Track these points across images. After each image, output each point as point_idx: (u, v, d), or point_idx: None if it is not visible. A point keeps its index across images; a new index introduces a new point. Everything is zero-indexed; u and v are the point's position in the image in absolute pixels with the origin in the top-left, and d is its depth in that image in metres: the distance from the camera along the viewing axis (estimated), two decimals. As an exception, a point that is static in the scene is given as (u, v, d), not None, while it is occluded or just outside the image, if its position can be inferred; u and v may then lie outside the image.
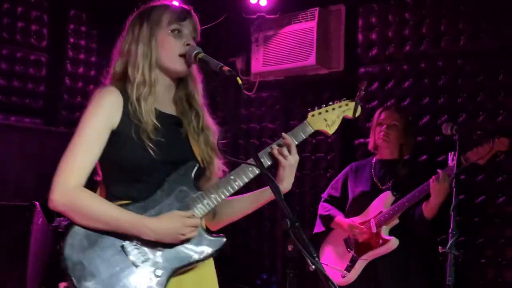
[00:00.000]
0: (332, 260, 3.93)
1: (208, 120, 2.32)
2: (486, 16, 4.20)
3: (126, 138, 2.12)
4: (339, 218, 3.97)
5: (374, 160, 4.05)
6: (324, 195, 4.19)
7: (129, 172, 2.13)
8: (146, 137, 2.10)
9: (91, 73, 5.63)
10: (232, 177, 2.20)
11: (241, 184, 2.21)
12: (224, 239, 2.18)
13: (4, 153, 4.79)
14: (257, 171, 2.18)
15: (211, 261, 2.26)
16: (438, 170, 3.53)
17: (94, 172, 2.18)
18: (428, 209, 3.63)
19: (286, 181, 2.27)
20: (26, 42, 5.22)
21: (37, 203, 4.14)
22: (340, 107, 2.38)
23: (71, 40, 5.51)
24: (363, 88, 2.41)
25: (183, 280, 2.14)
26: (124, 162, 2.13)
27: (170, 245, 2.10)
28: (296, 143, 2.29)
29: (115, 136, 2.13)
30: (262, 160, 2.17)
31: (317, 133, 2.37)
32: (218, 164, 2.29)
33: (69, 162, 2.08)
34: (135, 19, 2.26)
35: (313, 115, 2.36)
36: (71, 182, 2.05)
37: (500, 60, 4.13)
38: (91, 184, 2.20)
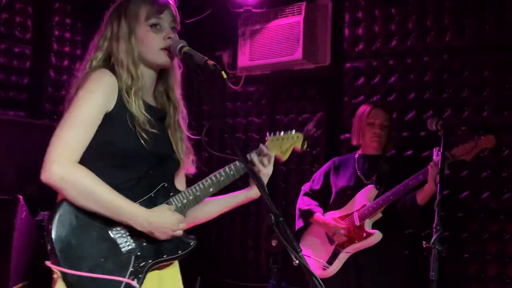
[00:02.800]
0: (313, 253, 3.94)
1: (182, 115, 2.33)
2: (471, 12, 4.22)
3: (119, 123, 2.10)
4: (318, 215, 3.97)
5: (357, 155, 4.06)
6: (305, 188, 4.18)
7: (117, 157, 2.12)
8: (140, 128, 2.10)
9: (76, 66, 5.57)
10: (209, 182, 2.26)
11: (217, 190, 2.28)
12: (195, 242, 2.24)
13: (-13, 146, 4.74)
14: (241, 172, 2.28)
15: (176, 263, 2.31)
16: (436, 158, 3.54)
17: None
18: (422, 195, 3.64)
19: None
20: (10, 34, 5.16)
21: (21, 196, 4.11)
22: (292, 138, 2.49)
23: (56, 32, 5.46)
24: (314, 124, 2.55)
25: (150, 275, 2.16)
26: (114, 146, 2.10)
27: (153, 240, 2.12)
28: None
29: (108, 118, 2.09)
30: (240, 165, 2.28)
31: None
32: (190, 161, 2.32)
33: (69, 136, 2.01)
34: (112, 14, 2.23)
35: (272, 140, 2.48)
36: (71, 157, 2.00)
37: (485, 56, 4.15)
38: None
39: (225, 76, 2.00)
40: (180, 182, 2.34)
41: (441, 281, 2.94)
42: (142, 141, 2.09)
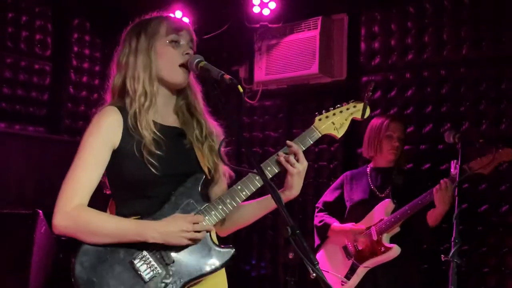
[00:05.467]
0: (330, 268, 3.91)
1: (211, 126, 2.33)
2: (487, 25, 4.21)
3: (127, 155, 2.13)
4: (336, 225, 3.96)
5: (369, 168, 4.04)
6: (318, 204, 4.16)
7: (134, 189, 2.14)
8: (147, 152, 2.11)
9: (95, 82, 5.66)
10: (239, 187, 2.20)
11: (249, 194, 2.20)
12: (233, 251, 2.17)
13: (8, 161, 4.80)
14: (276, 172, 2.20)
15: (222, 272, 2.24)
16: (441, 180, 3.53)
17: (104, 186, 2.20)
18: (433, 217, 3.63)
19: (295, 188, 2.24)
20: (30, 51, 5.25)
21: (40, 211, 4.15)
22: (348, 109, 2.38)
23: (75, 49, 5.54)
24: (370, 88, 2.41)
25: None
26: (128, 179, 2.14)
27: (180, 259, 2.10)
28: (303, 148, 2.26)
29: (117, 154, 2.14)
30: (269, 168, 2.20)
31: (326, 137, 2.34)
32: (224, 169, 2.30)
33: (69, 185, 2.10)
34: (131, 31, 2.27)
35: (320, 119, 2.33)
36: (71, 204, 2.07)
37: (502, 69, 4.13)
38: (102, 198, 2.22)
39: (241, 90, 2.00)
40: (219, 191, 2.30)
41: (460, 295, 2.92)
42: (151, 167, 2.10)
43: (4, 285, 4.07)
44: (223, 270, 2.24)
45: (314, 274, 1.74)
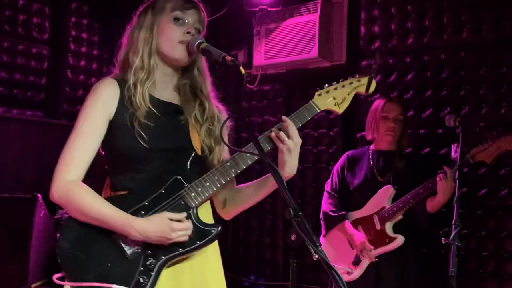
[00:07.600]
0: (335, 258, 3.88)
1: (215, 110, 2.30)
2: (488, 9, 4.18)
3: (120, 127, 2.13)
4: (349, 226, 3.86)
5: (371, 150, 4.02)
6: (328, 188, 4.08)
7: (125, 162, 2.14)
8: (138, 124, 2.11)
9: (93, 66, 5.63)
10: (228, 164, 2.15)
11: (238, 172, 2.16)
12: (218, 229, 2.14)
13: (6, 146, 4.79)
14: (254, 157, 2.13)
15: (213, 247, 2.23)
16: (445, 168, 3.51)
17: (104, 161, 2.21)
18: (433, 205, 3.62)
19: (287, 166, 2.13)
20: (27, 35, 5.22)
21: (39, 195, 4.15)
22: (351, 83, 2.30)
23: (73, 33, 5.51)
24: (377, 61, 2.34)
25: (180, 268, 2.14)
26: (119, 152, 2.14)
27: None
28: (300, 124, 2.21)
29: (112, 126, 2.15)
30: (262, 145, 2.08)
31: (326, 112, 2.28)
32: (222, 153, 2.26)
33: (67, 156, 2.11)
34: (142, 8, 2.28)
35: (320, 94, 2.28)
36: (67, 176, 2.09)
37: (502, 53, 4.12)
38: (102, 173, 2.23)
39: (243, 71, 1.99)
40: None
41: (459, 278, 2.92)
42: (140, 140, 2.09)
43: (4, 269, 4.08)
44: (215, 245, 2.24)
45: (316, 256, 1.74)
